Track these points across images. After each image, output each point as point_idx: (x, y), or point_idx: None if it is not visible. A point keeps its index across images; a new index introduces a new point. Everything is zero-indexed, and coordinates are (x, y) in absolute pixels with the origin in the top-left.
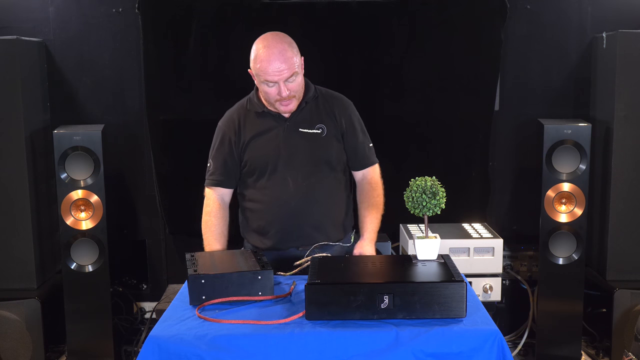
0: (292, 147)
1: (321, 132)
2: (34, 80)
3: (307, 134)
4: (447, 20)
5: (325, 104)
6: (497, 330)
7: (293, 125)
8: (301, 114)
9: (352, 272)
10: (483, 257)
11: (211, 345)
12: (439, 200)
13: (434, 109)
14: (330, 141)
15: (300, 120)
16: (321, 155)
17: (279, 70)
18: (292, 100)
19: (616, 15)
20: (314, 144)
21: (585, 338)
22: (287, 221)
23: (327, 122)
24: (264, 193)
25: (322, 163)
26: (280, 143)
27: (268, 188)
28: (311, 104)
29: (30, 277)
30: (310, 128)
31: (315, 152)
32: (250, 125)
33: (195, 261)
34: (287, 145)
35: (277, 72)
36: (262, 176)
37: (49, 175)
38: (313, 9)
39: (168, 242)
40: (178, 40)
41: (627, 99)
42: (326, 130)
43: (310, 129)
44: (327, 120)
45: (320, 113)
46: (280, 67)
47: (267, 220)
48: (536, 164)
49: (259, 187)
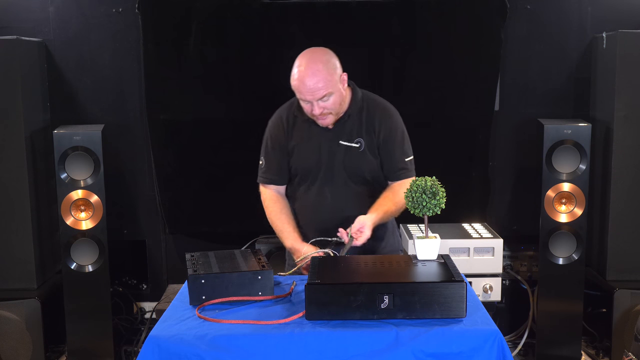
0: (332, 159)
1: (359, 146)
2: (34, 80)
3: (347, 147)
4: (447, 20)
5: (368, 116)
6: (497, 330)
7: (335, 136)
8: (344, 126)
9: (352, 272)
10: (483, 257)
11: (211, 345)
12: (439, 200)
13: (434, 109)
14: (366, 156)
15: (342, 132)
16: (355, 168)
17: (311, 91)
18: (328, 116)
19: (616, 15)
20: (351, 158)
21: (585, 338)
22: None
23: (366, 136)
24: (304, 199)
25: (356, 176)
26: (322, 154)
27: (308, 196)
28: (354, 117)
29: (30, 277)
30: (349, 141)
31: (350, 164)
32: (296, 132)
33: (195, 261)
34: (328, 157)
35: (309, 92)
36: (303, 183)
37: (49, 175)
38: (313, 9)
39: (168, 242)
40: (178, 40)
41: (627, 99)
42: (364, 145)
43: (349, 142)
44: (366, 134)
45: (362, 126)
46: (312, 88)
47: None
48: (536, 164)
49: (299, 193)
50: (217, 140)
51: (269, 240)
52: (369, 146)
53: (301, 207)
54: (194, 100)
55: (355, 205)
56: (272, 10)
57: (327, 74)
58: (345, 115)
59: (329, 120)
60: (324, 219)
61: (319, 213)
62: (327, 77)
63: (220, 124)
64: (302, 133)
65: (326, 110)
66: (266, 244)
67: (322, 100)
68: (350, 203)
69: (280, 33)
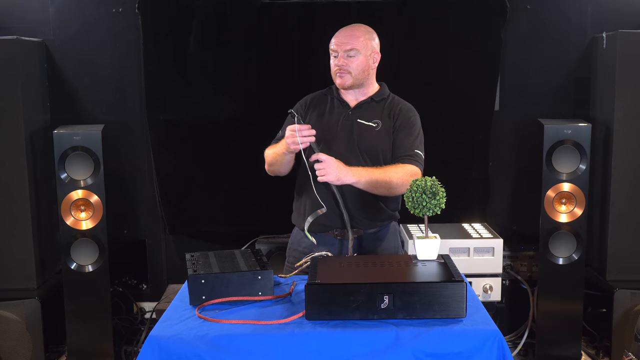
0: (346, 133)
1: (376, 125)
2: (34, 80)
3: (364, 125)
4: (447, 20)
5: (391, 105)
6: (497, 330)
7: (354, 115)
8: (366, 108)
9: (352, 272)
10: (483, 257)
11: (211, 345)
12: (439, 200)
13: (434, 108)
14: (382, 136)
15: (362, 113)
16: (369, 145)
17: (342, 39)
18: (347, 76)
19: (616, 15)
20: (366, 135)
21: (585, 338)
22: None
23: (385, 119)
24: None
25: (368, 153)
26: (338, 127)
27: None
28: (377, 103)
29: (30, 277)
30: (367, 121)
31: (366, 142)
32: (318, 105)
33: (195, 261)
34: (343, 131)
35: (340, 40)
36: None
37: (49, 175)
38: (313, 9)
39: (168, 242)
40: (178, 40)
41: (627, 99)
42: (380, 125)
43: (367, 122)
44: (385, 117)
45: (382, 111)
46: (344, 36)
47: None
48: (536, 164)
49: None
50: (217, 140)
51: (269, 240)
52: (386, 128)
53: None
54: (194, 100)
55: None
56: (272, 10)
57: (363, 34)
58: (369, 99)
59: (346, 80)
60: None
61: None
62: (362, 36)
63: (220, 124)
64: (323, 106)
65: (347, 66)
66: (266, 244)
67: (348, 54)
68: None
69: (280, 33)
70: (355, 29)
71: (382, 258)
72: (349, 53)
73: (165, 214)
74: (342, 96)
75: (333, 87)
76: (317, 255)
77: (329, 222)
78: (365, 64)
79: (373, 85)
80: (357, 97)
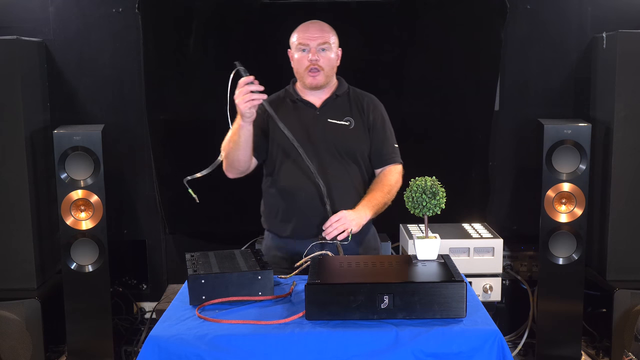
0: (320, 135)
1: (349, 124)
2: (34, 80)
3: (336, 124)
4: (447, 20)
5: (356, 99)
6: (497, 330)
7: (323, 115)
8: (332, 105)
9: (352, 272)
10: (483, 257)
11: (211, 345)
12: (439, 200)
13: (434, 108)
14: (357, 135)
15: (331, 111)
16: (347, 147)
17: (313, 36)
18: (320, 73)
19: (616, 15)
20: (341, 135)
21: (585, 338)
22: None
23: (356, 116)
24: (288, 177)
25: (347, 155)
26: (309, 131)
27: (292, 172)
28: (342, 97)
29: (30, 277)
30: (339, 119)
31: (342, 143)
32: (282, 109)
33: (195, 261)
34: (315, 133)
35: (311, 36)
36: (286, 161)
37: (49, 175)
38: (313, 9)
39: (168, 242)
40: (178, 41)
41: (627, 99)
42: (354, 123)
43: (339, 120)
44: (356, 114)
45: (351, 107)
46: (315, 34)
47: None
48: (536, 164)
49: (283, 172)
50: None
51: None
52: (359, 126)
53: (284, 188)
54: (194, 100)
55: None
56: (272, 10)
57: (331, 29)
58: (333, 95)
59: (319, 79)
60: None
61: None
62: (330, 31)
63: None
64: (287, 110)
65: (321, 62)
66: None
67: (320, 49)
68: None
69: (281, 33)
70: (322, 23)
71: (382, 258)
72: (322, 47)
73: (165, 214)
74: (304, 97)
75: (290, 89)
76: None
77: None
78: (334, 61)
79: (335, 83)
80: (320, 96)
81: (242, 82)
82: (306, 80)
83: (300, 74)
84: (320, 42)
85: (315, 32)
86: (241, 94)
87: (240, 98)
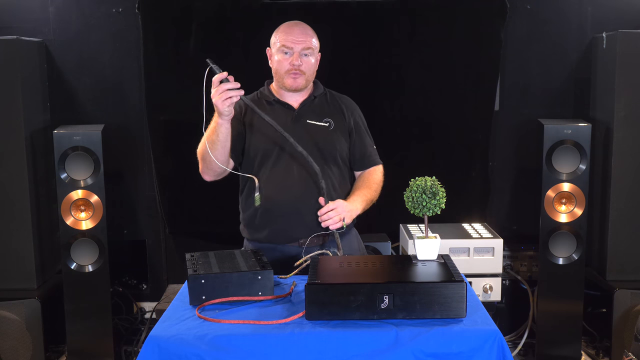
0: (299, 136)
1: (329, 125)
2: (34, 80)
3: (315, 125)
4: (447, 20)
5: (333, 101)
6: (497, 330)
7: (301, 115)
8: (310, 106)
9: (352, 272)
10: (483, 257)
11: (211, 345)
12: (439, 200)
13: (434, 109)
14: (337, 136)
15: (309, 112)
16: (327, 148)
17: (297, 39)
18: (302, 76)
19: (616, 15)
20: (320, 137)
21: (585, 338)
22: (289, 209)
23: (335, 117)
24: (268, 180)
25: (328, 156)
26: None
27: (272, 176)
28: (320, 99)
29: (30, 277)
30: (318, 120)
31: (322, 144)
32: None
33: (195, 261)
34: (294, 134)
35: (296, 40)
36: (266, 162)
37: (49, 175)
38: (313, 9)
39: (168, 242)
40: (178, 41)
41: (627, 99)
42: (334, 124)
43: (318, 121)
44: (335, 115)
45: (329, 108)
46: (299, 38)
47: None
48: (536, 164)
49: (262, 175)
50: None
51: None
52: (339, 127)
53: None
54: (194, 100)
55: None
56: (272, 10)
57: (313, 33)
58: (311, 96)
59: (300, 82)
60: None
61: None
62: (313, 35)
63: None
64: (264, 111)
65: (303, 66)
66: None
67: (303, 54)
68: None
69: None
70: (305, 26)
71: (382, 258)
72: (305, 52)
73: (165, 214)
74: (281, 98)
75: (265, 91)
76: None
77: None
78: (315, 65)
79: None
80: (297, 98)
81: (216, 79)
82: (286, 81)
83: (280, 75)
84: (304, 46)
85: (299, 35)
86: (217, 92)
87: (217, 96)
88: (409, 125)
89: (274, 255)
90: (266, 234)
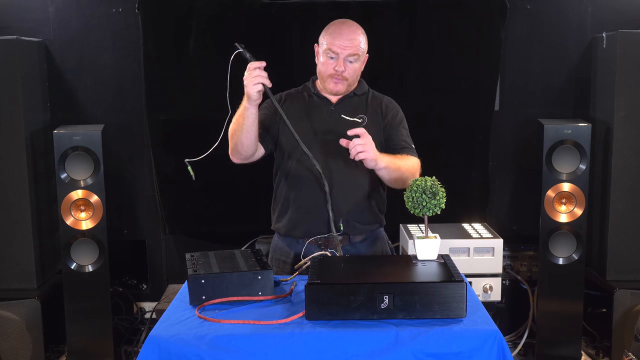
0: (331, 129)
1: (362, 121)
2: (34, 80)
3: (348, 121)
4: (447, 20)
5: (374, 100)
6: (497, 330)
7: (337, 110)
8: (348, 103)
9: (352, 272)
10: (483, 257)
11: (211, 345)
12: (439, 200)
13: (434, 109)
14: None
15: (345, 108)
16: None
17: (344, 45)
18: (343, 82)
19: (616, 15)
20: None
21: (585, 338)
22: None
23: (371, 114)
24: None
25: None
26: (321, 124)
27: (300, 169)
28: (360, 97)
29: (30, 277)
30: (352, 116)
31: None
32: (295, 101)
33: (195, 261)
34: (327, 127)
35: (342, 45)
36: (294, 154)
37: (49, 175)
38: (313, 9)
39: (168, 242)
40: (178, 40)
41: (627, 99)
42: (367, 120)
43: (351, 117)
44: (371, 112)
45: (367, 106)
46: (346, 43)
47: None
48: (536, 164)
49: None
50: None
51: (269, 240)
52: (373, 123)
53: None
54: (194, 100)
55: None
56: (272, 10)
57: (362, 37)
58: (351, 93)
59: (340, 87)
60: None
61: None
62: (362, 40)
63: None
64: (302, 103)
65: (347, 73)
66: (266, 244)
67: (348, 60)
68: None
69: (280, 33)
70: (355, 30)
71: (382, 258)
72: (350, 59)
73: (165, 214)
74: (321, 92)
75: (309, 85)
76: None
77: (313, 227)
78: (360, 69)
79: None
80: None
81: (253, 65)
82: (328, 85)
83: (323, 77)
84: (350, 52)
85: (346, 40)
86: (251, 75)
87: (249, 79)
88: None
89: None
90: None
